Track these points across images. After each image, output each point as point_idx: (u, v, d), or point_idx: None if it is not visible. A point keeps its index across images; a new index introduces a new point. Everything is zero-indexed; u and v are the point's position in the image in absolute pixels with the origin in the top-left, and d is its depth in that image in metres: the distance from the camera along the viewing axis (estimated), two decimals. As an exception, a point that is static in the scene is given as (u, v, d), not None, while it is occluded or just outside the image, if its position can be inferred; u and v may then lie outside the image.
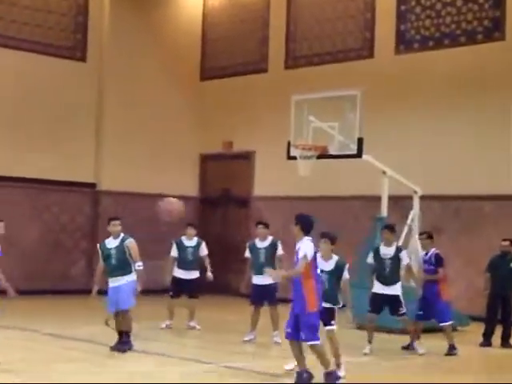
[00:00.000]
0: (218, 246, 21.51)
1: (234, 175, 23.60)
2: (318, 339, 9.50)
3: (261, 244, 13.95)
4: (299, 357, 9.68)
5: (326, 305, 10.11)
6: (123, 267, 11.89)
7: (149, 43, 23.24)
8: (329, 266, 10.56)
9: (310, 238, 9.57)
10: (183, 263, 15.41)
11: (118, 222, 12.12)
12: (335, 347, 10.41)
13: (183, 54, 24.03)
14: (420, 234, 14.74)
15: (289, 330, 9.65)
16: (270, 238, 14.03)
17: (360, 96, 15.51)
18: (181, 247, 15.46)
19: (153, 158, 23.00)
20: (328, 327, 10.39)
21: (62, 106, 21.77)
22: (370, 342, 12.71)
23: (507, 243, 14.63)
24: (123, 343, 11.93)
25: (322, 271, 10.15)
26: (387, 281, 12.83)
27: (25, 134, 21.11)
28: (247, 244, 14.30)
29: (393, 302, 12.82)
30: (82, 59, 22.42)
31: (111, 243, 12.09)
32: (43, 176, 21.18)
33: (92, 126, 22.48)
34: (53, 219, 21.65)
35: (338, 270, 10.53)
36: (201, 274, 15.56)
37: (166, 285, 15.59)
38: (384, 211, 16.26)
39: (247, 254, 14.03)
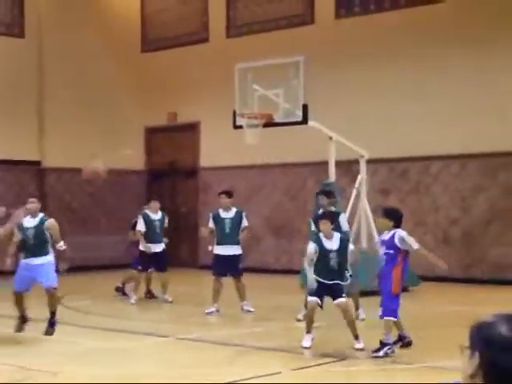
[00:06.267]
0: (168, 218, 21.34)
1: (180, 147, 23.48)
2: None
3: (225, 214, 13.80)
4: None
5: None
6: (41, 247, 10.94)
7: (87, 17, 22.88)
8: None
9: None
10: (152, 236, 15.31)
11: (34, 200, 11.27)
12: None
13: (123, 26, 23.73)
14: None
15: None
16: (234, 209, 13.94)
17: (303, 62, 15.47)
18: (148, 221, 15.41)
19: (97, 132, 22.71)
20: None
21: (1, 84, 21.34)
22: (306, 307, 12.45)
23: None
24: (53, 324, 10.96)
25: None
26: None
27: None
28: (210, 214, 14.12)
29: None
30: (20, 35, 22.01)
31: (30, 222, 11.15)
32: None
33: (33, 104, 22.11)
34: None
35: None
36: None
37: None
38: (332, 176, 16.28)
39: (211, 224, 13.87)
